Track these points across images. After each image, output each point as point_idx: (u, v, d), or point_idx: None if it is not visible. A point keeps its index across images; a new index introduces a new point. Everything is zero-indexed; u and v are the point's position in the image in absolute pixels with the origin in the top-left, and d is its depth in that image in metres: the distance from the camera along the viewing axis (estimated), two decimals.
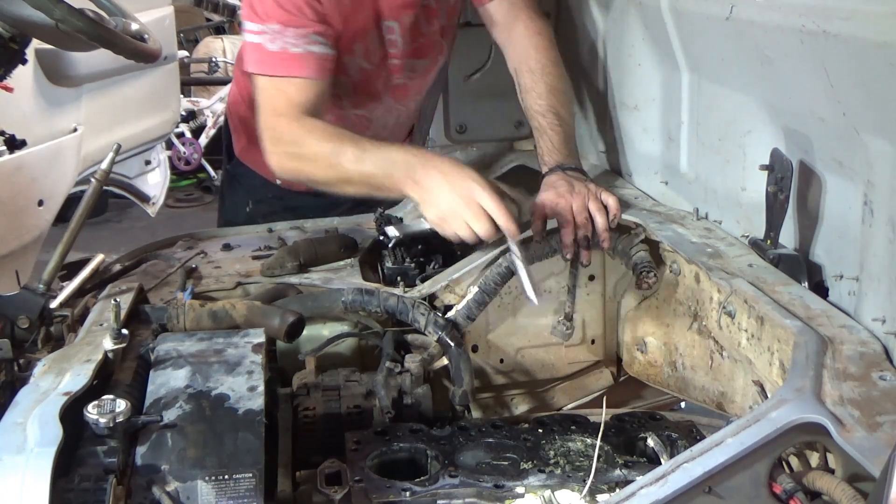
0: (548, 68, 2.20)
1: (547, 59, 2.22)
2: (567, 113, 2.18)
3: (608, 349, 2.33)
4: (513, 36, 2.27)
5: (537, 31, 2.26)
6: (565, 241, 1.94)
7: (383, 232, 2.32)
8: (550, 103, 2.16)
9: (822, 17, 1.44)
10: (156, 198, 4.38)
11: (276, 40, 2.06)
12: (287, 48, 2.06)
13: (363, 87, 2.38)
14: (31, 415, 1.34)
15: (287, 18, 2.06)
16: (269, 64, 2.09)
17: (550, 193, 1.98)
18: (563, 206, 1.95)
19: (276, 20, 2.06)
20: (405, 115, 2.56)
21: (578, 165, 2.11)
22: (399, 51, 2.34)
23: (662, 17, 2.01)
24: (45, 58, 3.02)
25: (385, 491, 1.47)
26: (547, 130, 2.13)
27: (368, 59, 2.32)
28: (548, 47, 2.24)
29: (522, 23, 2.27)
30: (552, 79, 2.20)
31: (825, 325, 1.53)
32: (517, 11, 2.28)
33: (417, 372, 1.80)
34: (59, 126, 3.20)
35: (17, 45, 1.78)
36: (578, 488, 1.48)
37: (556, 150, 2.10)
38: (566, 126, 2.15)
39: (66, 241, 1.85)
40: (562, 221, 1.94)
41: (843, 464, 1.29)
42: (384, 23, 2.28)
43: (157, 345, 1.61)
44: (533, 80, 2.20)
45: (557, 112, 2.15)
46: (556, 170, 2.05)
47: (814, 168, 1.68)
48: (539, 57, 2.22)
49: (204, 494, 1.31)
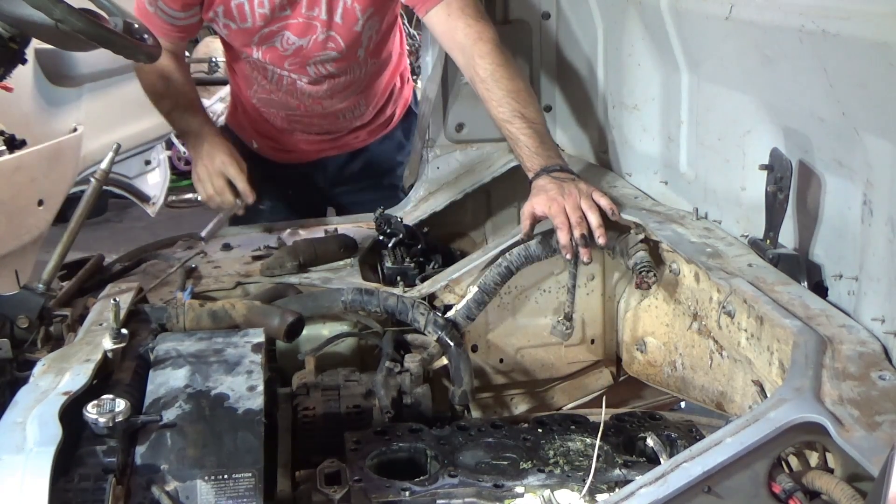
0: (497, 73, 2.15)
1: (494, 64, 2.15)
2: (532, 111, 2.14)
3: (608, 349, 2.33)
4: (455, 46, 2.23)
5: (477, 37, 2.19)
6: (563, 241, 1.93)
7: (384, 231, 2.32)
8: (512, 108, 2.11)
9: (821, 16, 1.43)
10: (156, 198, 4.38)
11: None
12: (144, 3, 2.36)
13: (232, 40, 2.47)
14: (31, 414, 1.34)
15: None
16: (137, 10, 2.35)
17: (541, 197, 1.96)
18: (556, 209, 1.93)
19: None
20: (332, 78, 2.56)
21: (563, 164, 2.08)
22: (264, 22, 2.37)
23: (662, 16, 2.01)
24: (45, 58, 3.02)
25: (384, 491, 1.47)
26: (519, 137, 2.09)
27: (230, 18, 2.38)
28: (491, 51, 2.17)
29: (461, 31, 2.21)
30: (506, 82, 2.14)
31: (824, 325, 1.53)
32: (454, 21, 2.22)
33: (417, 372, 1.80)
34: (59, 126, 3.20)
35: (17, 45, 1.78)
36: (578, 488, 1.49)
37: (536, 154, 2.06)
38: (536, 125, 2.11)
39: (65, 241, 1.85)
40: (556, 224, 1.93)
41: (842, 463, 1.29)
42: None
43: (156, 344, 1.61)
44: (487, 89, 2.16)
45: (522, 114, 2.11)
46: (542, 174, 2.02)
47: (813, 168, 1.68)
48: (485, 64, 2.16)
49: (203, 494, 1.31)
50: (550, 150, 2.09)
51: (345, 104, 2.65)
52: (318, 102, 2.60)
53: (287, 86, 2.54)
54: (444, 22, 2.24)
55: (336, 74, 2.51)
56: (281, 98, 2.60)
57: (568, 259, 1.96)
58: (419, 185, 2.68)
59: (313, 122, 2.70)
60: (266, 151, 2.80)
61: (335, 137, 2.78)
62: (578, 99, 2.60)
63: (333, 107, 2.64)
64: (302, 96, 2.57)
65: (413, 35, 5.15)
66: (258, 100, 2.67)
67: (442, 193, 2.66)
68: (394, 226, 2.33)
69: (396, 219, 2.37)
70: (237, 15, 2.34)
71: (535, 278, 2.21)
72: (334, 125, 2.73)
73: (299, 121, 2.70)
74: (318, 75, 2.49)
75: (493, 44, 2.19)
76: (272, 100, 2.62)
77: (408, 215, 2.57)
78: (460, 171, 2.68)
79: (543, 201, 1.95)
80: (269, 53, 2.44)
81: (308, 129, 2.74)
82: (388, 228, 2.33)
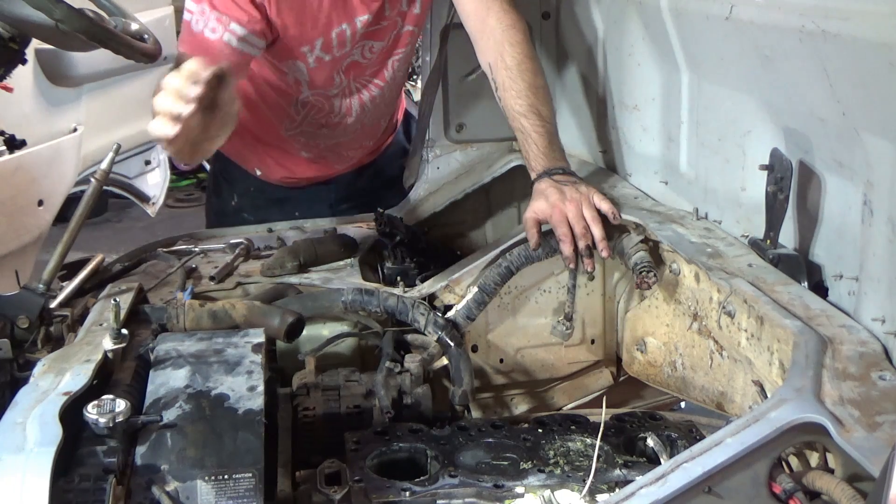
0: (524, 64, 2.13)
1: (523, 55, 2.13)
2: (548, 111, 2.12)
3: (608, 349, 2.33)
4: (485, 28, 2.20)
5: (511, 25, 2.17)
6: (566, 253, 1.92)
7: (384, 231, 2.32)
8: (531, 102, 2.09)
9: (821, 17, 1.43)
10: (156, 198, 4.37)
11: (200, 22, 2.11)
12: (204, 31, 2.10)
13: (317, 73, 2.40)
14: (31, 414, 1.34)
15: (219, 2, 2.10)
16: (186, 42, 2.13)
17: (542, 203, 1.95)
18: (558, 217, 1.92)
19: (208, 2, 2.11)
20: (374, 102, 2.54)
21: (566, 166, 2.06)
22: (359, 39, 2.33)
23: (662, 16, 2.01)
24: (45, 58, 3.02)
25: (385, 491, 1.47)
26: (531, 134, 2.07)
27: (328, 50, 2.33)
28: (522, 41, 2.15)
29: (495, 15, 2.18)
30: (530, 75, 2.12)
31: (825, 325, 1.53)
32: (490, 3, 2.19)
33: (417, 372, 1.80)
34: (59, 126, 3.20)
35: (17, 45, 1.78)
36: (578, 488, 1.48)
37: (543, 155, 2.05)
38: (549, 125, 2.10)
39: (65, 241, 1.85)
40: (559, 235, 1.92)
41: (842, 464, 1.29)
42: (356, 19, 2.29)
43: (156, 345, 1.61)
44: (510, 78, 2.13)
45: (539, 112, 2.09)
46: (544, 176, 2.01)
47: (813, 168, 1.68)
48: (514, 52, 2.13)
49: (203, 494, 1.31)
50: (557, 151, 2.08)
51: (389, 110, 2.63)
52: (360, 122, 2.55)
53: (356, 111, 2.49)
54: (478, 3, 2.21)
55: (398, 74, 2.48)
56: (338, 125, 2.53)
57: (571, 269, 1.95)
58: (419, 185, 2.68)
59: (356, 140, 2.65)
60: (273, 178, 2.73)
61: (362, 149, 2.74)
62: (578, 99, 2.60)
63: (380, 117, 2.61)
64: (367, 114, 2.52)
65: None
66: (298, 133, 2.59)
67: (442, 193, 2.66)
68: (394, 226, 2.33)
69: (396, 219, 2.38)
70: (337, 43, 2.29)
71: (535, 278, 2.21)
72: (367, 140, 2.69)
73: (339, 144, 2.64)
74: (393, 79, 2.45)
75: (525, 35, 2.18)
76: (324, 128, 2.56)
77: (408, 215, 2.57)
78: (460, 171, 2.68)
79: (545, 208, 1.94)
80: (353, 69, 2.40)
81: (346, 147, 2.68)
82: (389, 228, 2.33)
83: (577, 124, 2.63)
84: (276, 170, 2.71)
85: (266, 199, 2.73)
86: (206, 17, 2.11)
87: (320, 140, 2.61)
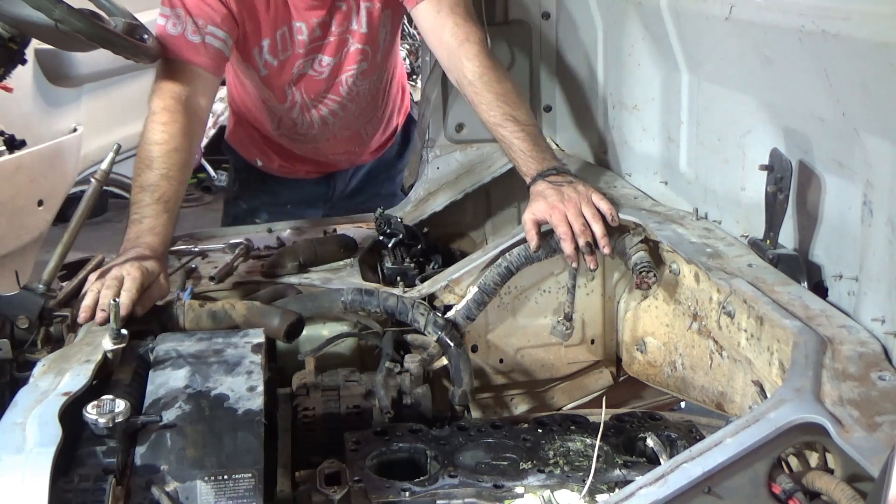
0: (485, 76, 2.11)
1: (482, 67, 2.11)
2: (523, 113, 2.11)
3: (608, 349, 2.33)
4: (443, 46, 2.19)
5: (465, 38, 2.14)
6: (567, 252, 1.92)
7: (384, 231, 2.32)
8: (504, 111, 2.08)
9: (821, 17, 1.43)
10: None
11: (178, 25, 2.12)
12: (185, 34, 2.12)
13: (270, 81, 2.43)
14: (31, 415, 1.34)
15: (193, 6, 2.13)
16: (167, 47, 2.12)
17: (540, 204, 1.95)
18: (557, 217, 1.92)
19: (182, 6, 2.13)
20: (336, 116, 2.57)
21: (558, 164, 2.06)
22: (304, 49, 2.36)
23: (662, 16, 2.01)
24: (45, 58, 3.03)
25: (384, 491, 1.47)
26: (513, 141, 2.07)
27: (274, 54, 2.35)
28: (479, 53, 2.13)
29: (449, 31, 2.16)
30: (495, 85, 2.10)
31: (824, 326, 1.53)
32: (443, 19, 2.17)
33: (417, 372, 1.80)
34: (59, 126, 3.20)
35: (16, 45, 1.78)
36: (578, 488, 1.48)
37: (531, 159, 2.04)
38: (528, 127, 2.08)
39: (65, 241, 1.84)
40: (559, 234, 1.92)
41: (842, 464, 1.29)
42: (293, 23, 2.31)
43: (156, 345, 1.61)
44: (476, 92, 2.12)
45: (514, 117, 2.08)
46: (539, 179, 2.00)
47: (813, 168, 1.68)
48: (472, 66, 2.11)
49: (203, 494, 1.31)
50: (545, 151, 2.07)
51: (367, 120, 2.66)
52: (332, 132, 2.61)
53: (318, 124, 2.55)
54: (432, 18, 2.20)
55: (361, 89, 2.51)
56: (308, 134, 2.61)
57: (574, 267, 1.95)
58: (419, 185, 2.68)
59: (338, 145, 2.71)
60: (273, 169, 2.81)
61: (350, 154, 2.79)
62: (578, 99, 2.60)
63: (358, 126, 2.66)
64: (332, 127, 2.58)
65: (413, 35, 5.14)
66: (281, 134, 2.67)
67: (442, 193, 2.66)
68: (394, 226, 2.33)
69: (396, 219, 2.37)
70: (280, 47, 2.31)
71: (535, 278, 2.21)
72: (352, 145, 2.74)
73: (320, 148, 2.72)
74: (350, 94, 2.48)
75: (480, 46, 2.15)
76: (298, 135, 2.64)
77: (408, 215, 2.57)
78: (460, 171, 2.68)
79: (544, 209, 1.94)
80: (305, 83, 2.42)
81: (330, 151, 2.75)
82: (388, 228, 2.33)
83: (576, 124, 2.63)
84: (273, 162, 2.80)
85: (264, 191, 2.80)
86: (184, 21, 2.12)
87: (303, 143, 2.69)
